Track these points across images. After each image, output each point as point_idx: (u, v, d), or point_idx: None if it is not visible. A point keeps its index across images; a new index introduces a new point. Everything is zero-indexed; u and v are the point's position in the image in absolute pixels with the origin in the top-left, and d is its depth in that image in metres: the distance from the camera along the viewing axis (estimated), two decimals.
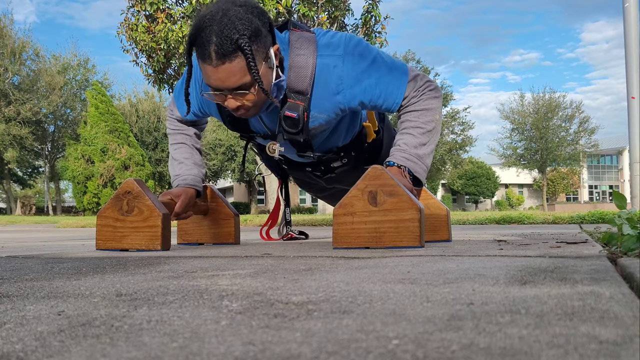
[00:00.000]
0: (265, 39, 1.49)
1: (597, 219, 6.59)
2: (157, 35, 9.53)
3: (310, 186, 2.40)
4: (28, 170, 33.46)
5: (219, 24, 1.42)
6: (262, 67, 1.50)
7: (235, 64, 1.44)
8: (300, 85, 1.62)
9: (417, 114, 1.70)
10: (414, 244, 1.48)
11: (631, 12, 5.59)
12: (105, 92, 22.30)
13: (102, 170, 20.25)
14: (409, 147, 1.67)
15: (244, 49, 1.41)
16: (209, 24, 1.43)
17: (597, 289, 0.69)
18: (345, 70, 1.62)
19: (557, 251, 1.30)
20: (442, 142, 26.79)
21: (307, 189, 2.46)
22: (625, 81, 5.68)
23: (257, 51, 1.47)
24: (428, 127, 1.69)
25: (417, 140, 1.68)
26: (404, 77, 1.68)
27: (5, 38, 25.52)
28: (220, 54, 1.42)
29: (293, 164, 2.08)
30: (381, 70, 1.66)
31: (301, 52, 1.62)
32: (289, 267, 1.08)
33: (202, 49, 1.45)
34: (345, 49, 1.63)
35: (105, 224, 1.74)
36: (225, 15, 1.43)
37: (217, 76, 1.47)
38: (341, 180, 2.14)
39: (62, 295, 0.77)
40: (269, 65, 1.52)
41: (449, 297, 0.66)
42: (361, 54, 1.64)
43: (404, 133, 1.70)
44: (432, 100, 1.71)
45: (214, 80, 1.48)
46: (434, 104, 1.71)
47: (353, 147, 1.99)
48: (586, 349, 0.42)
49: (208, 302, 0.68)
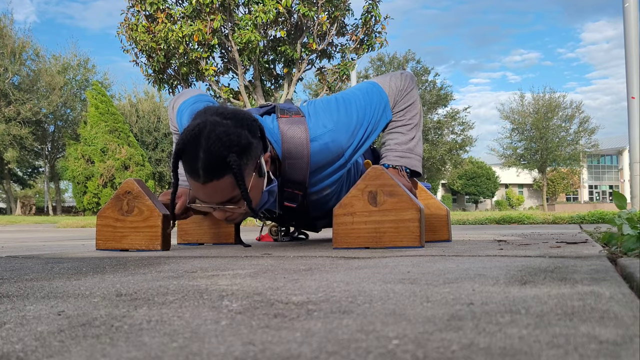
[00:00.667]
0: (255, 150, 1.43)
1: (597, 219, 6.59)
2: (157, 35, 9.52)
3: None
4: (28, 170, 33.46)
5: (207, 140, 1.34)
6: (252, 178, 1.45)
7: (223, 181, 1.38)
8: (297, 176, 1.63)
9: (402, 113, 1.75)
10: (414, 244, 1.48)
11: (631, 12, 5.59)
12: (105, 92, 22.28)
13: (102, 170, 20.25)
14: (400, 145, 1.73)
15: (232, 167, 1.35)
16: (197, 138, 1.36)
17: (597, 289, 0.69)
18: (336, 141, 1.64)
19: (557, 251, 1.30)
20: (442, 142, 26.78)
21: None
22: (625, 81, 5.68)
23: (247, 165, 1.41)
24: (413, 121, 1.76)
25: (406, 137, 1.74)
26: (383, 98, 1.73)
27: (5, 38, 25.50)
28: (208, 172, 1.36)
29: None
30: (366, 111, 1.69)
31: (296, 142, 1.60)
32: (289, 267, 1.08)
33: (189, 165, 1.38)
34: (335, 123, 1.64)
35: (105, 224, 1.74)
36: (213, 131, 1.35)
37: (204, 192, 1.42)
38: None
39: (62, 295, 0.77)
40: (259, 175, 1.48)
41: (449, 297, 0.66)
42: (346, 111, 1.66)
43: (392, 132, 1.76)
44: (410, 93, 1.76)
45: (201, 195, 1.45)
46: (414, 95, 1.77)
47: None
48: (586, 349, 0.42)
49: (208, 302, 0.68)
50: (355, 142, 1.67)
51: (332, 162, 1.66)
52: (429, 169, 26.88)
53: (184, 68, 9.86)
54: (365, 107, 1.69)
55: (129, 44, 10.12)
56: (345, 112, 1.67)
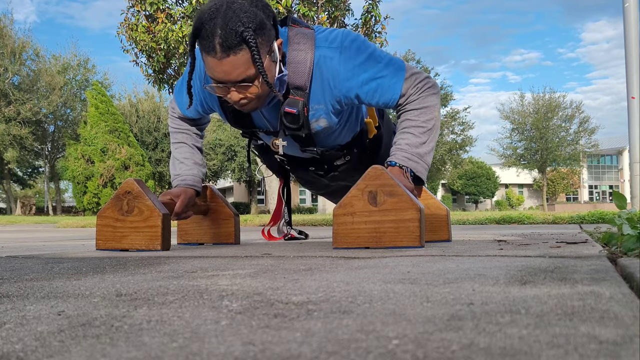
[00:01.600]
0: (269, 32, 1.50)
1: (597, 219, 6.59)
2: (157, 35, 9.53)
3: (312, 184, 2.41)
4: (28, 170, 33.47)
5: (224, 17, 1.42)
6: (266, 61, 1.50)
7: (240, 56, 1.44)
8: (298, 81, 1.63)
9: (416, 113, 1.70)
10: (414, 244, 1.48)
11: (631, 12, 5.59)
12: (105, 92, 22.29)
13: (102, 170, 20.25)
14: (410, 147, 1.68)
15: (249, 42, 1.42)
16: (213, 16, 1.43)
17: (597, 289, 0.69)
18: (342, 63, 1.63)
19: (557, 251, 1.30)
20: (442, 142, 26.78)
21: (310, 187, 2.47)
22: (625, 81, 5.68)
23: (262, 44, 1.47)
24: (428, 125, 1.70)
25: (417, 139, 1.69)
26: (401, 73, 1.69)
27: (5, 38, 25.50)
28: (225, 46, 1.42)
29: (296, 164, 2.09)
30: (378, 65, 1.67)
31: (300, 47, 1.63)
32: (289, 267, 1.08)
33: (206, 41, 1.44)
34: (342, 42, 1.65)
35: (105, 224, 1.74)
36: (230, 8, 1.43)
37: (221, 69, 1.47)
38: (344, 177, 2.16)
39: (62, 295, 0.77)
40: (272, 59, 1.53)
41: (449, 297, 0.66)
42: (358, 48, 1.66)
43: (404, 132, 1.71)
44: (431, 97, 1.71)
45: (217, 72, 1.49)
46: (433, 101, 1.72)
47: (355, 144, 2.01)
48: (586, 349, 0.42)
49: (208, 302, 0.68)
50: (355, 81, 1.64)
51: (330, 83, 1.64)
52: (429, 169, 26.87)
53: (184, 68, 9.86)
54: (379, 59, 1.66)
55: (129, 44, 10.13)
56: (357, 49, 1.65)
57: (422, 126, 1.70)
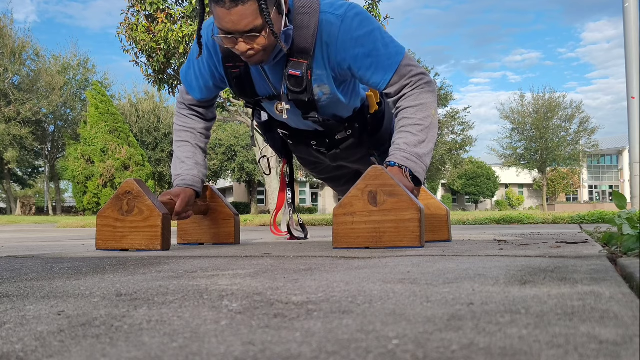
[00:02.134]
0: None
1: (597, 219, 6.59)
2: (157, 35, 9.53)
3: (314, 166, 2.42)
4: (28, 170, 33.46)
5: None
6: (273, 12, 1.54)
7: (248, 6, 1.48)
8: (303, 44, 1.67)
9: (413, 111, 1.70)
10: (414, 244, 1.48)
11: (631, 12, 5.59)
12: (105, 92, 22.31)
13: (102, 170, 20.26)
14: (409, 146, 1.67)
15: None
16: None
17: (597, 289, 0.69)
18: (341, 32, 1.66)
19: (557, 251, 1.30)
20: (442, 142, 26.78)
21: (312, 169, 2.48)
22: (626, 81, 5.68)
23: None
24: (425, 122, 1.70)
25: (416, 138, 1.68)
26: (398, 57, 1.70)
27: (5, 38, 25.50)
28: None
29: (298, 138, 2.10)
30: (376, 43, 1.68)
31: (305, 11, 1.66)
32: (289, 267, 1.08)
33: None
34: (346, 12, 1.68)
35: (105, 224, 1.74)
36: None
37: (229, 19, 1.50)
38: (345, 157, 2.17)
39: (62, 295, 0.77)
40: (279, 12, 1.57)
41: (449, 297, 0.66)
42: (361, 22, 1.68)
43: (402, 131, 1.71)
44: (426, 94, 1.72)
45: (226, 22, 1.52)
46: (429, 98, 1.73)
47: (357, 119, 2.02)
48: (586, 349, 0.42)
49: (208, 302, 0.68)
50: (350, 53, 1.67)
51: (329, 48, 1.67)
52: (428, 169, 26.86)
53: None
54: (379, 38, 1.68)
55: (129, 44, 10.12)
56: (360, 23, 1.67)
57: (420, 124, 1.70)
